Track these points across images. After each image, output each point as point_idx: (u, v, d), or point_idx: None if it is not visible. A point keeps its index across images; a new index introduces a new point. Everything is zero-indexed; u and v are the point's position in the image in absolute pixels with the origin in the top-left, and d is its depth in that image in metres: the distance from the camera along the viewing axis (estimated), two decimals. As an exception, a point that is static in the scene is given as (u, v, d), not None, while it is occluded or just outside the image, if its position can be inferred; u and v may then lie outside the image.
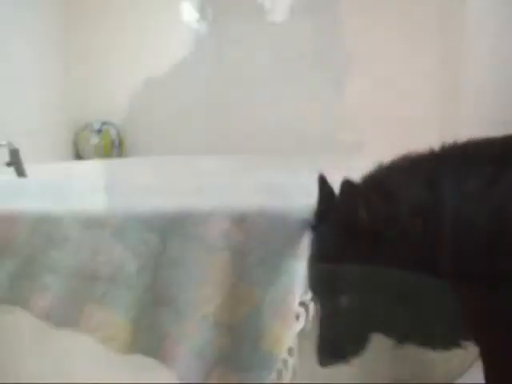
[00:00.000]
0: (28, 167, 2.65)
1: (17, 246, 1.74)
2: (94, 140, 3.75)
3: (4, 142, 2.29)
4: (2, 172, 2.54)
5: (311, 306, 1.50)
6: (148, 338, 1.70)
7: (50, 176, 2.73)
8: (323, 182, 1.48)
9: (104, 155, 3.75)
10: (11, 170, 2.56)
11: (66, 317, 1.73)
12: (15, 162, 2.29)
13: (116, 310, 1.69)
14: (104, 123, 3.80)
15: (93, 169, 3.33)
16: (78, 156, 3.83)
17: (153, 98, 3.76)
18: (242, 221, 1.61)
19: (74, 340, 1.76)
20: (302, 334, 1.52)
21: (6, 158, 2.82)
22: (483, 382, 1.36)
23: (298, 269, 1.53)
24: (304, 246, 1.54)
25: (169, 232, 1.65)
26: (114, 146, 3.77)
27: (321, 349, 1.43)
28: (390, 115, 3.32)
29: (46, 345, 1.79)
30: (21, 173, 2.30)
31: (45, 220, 1.73)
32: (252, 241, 1.60)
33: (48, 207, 1.77)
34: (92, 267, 1.68)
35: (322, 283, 1.46)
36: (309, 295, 1.50)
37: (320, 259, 1.47)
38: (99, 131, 3.77)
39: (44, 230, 1.73)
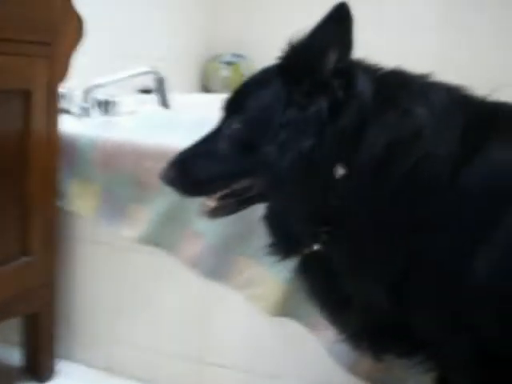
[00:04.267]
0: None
1: (171, 185, 1.60)
2: (224, 73, 3.57)
3: (150, 69, 2.14)
4: (139, 101, 2.42)
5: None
6: (301, 302, 1.54)
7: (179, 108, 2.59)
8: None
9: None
10: (148, 98, 2.44)
11: (215, 268, 1.61)
12: (160, 90, 2.15)
13: (271, 267, 1.55)
14: (235, 55, 3.61)
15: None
16: (205, 88, 3.68)
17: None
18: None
19: (216, 293, 1.65)
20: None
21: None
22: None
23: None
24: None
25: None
26: (243, 81, 3.59)
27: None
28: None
29: (186, 292, 1.68)
30: (164, 103, 2.16)
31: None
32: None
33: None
34: (249, 219, 1.52)
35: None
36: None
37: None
38: (229, 64, 3.59)
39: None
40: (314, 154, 1.03)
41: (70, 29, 1.62)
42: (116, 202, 1.68)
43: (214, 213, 1.22)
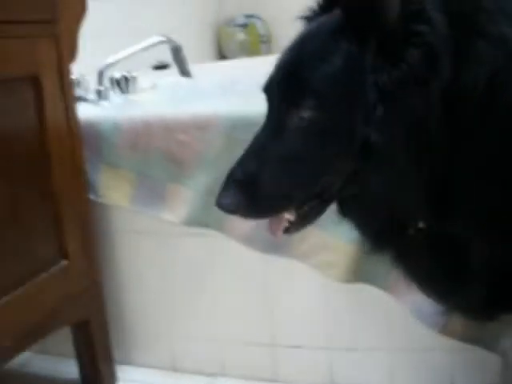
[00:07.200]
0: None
1: (210, 157, 1.44)
2: (240, 36, 3.37)
3: (164, 38, 1.95)
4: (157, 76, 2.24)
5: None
6: (377, 264, 1.37)
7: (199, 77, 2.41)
8: None
9: (251, 53, 3.39)
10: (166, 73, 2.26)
11: (272, 241, 1.43)
12: (178, 60, 1.97)
13: (332, 231, 1.38)
14: (248, 16, 3.41)
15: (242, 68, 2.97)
16: (221, 55, 3.49)
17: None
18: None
19: (279, 269, 1.49)
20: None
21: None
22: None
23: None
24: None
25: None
26: (261, 42, 3.39)
27: None
28: None
29: (245, 273, 1.52)
30: (185, 72, 1.98)
31: (242, 125, 1.40)
32: None
33: (242, 110, 1.44)
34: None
35: None
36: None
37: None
38: (244, 26, 3.39)
39: (241, 138, 1.40)
40: (427, 120, 0.84)
41: (71, 2, 1.45)
42: (152, 184, 1.52)
43: (296, 226, 0.99)
